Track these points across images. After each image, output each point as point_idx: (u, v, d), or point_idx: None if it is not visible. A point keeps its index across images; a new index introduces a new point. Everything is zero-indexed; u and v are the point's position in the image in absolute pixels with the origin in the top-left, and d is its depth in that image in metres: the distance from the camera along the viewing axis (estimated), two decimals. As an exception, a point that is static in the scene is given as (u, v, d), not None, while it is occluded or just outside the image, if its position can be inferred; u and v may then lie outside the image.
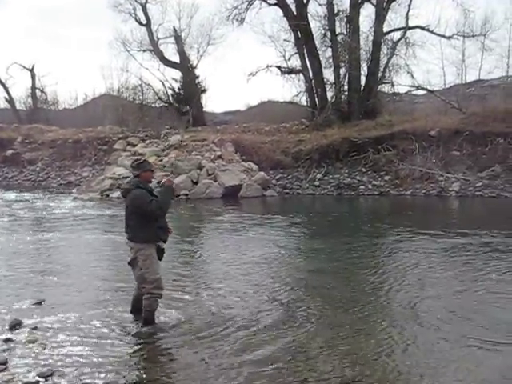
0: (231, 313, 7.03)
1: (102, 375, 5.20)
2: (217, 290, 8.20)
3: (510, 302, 7.44)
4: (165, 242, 6.65)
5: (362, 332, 6.30)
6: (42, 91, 47.14)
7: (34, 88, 46.59)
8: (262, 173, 23.51)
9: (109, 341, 6.11)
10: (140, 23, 38.10)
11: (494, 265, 9.50)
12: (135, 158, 7.21)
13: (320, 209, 19.48)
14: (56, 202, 20.80)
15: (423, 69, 69.31)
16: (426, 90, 31.34)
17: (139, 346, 5.98)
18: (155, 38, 38.05)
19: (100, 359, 5.59)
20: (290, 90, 66.75)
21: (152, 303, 6.46)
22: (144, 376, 5.23)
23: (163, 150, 26.12)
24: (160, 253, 6.57)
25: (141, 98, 39.71)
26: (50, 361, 5.54)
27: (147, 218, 6.33)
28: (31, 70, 46.42)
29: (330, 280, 8.75)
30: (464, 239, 11.92)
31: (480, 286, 8.15)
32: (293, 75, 33.27)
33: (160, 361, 5.62)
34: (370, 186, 22.83)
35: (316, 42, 31.34)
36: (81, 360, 5.56)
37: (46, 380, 5.09)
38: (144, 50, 38.45)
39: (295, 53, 32.43)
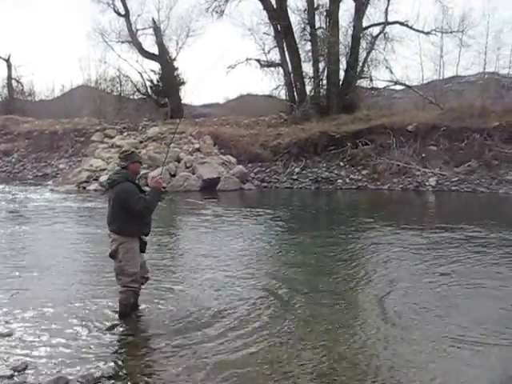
0: (208, 305, 7.01)
1: (78, 368, 5.16)
2: (193, 282, 8.18)
3: (484, 296, 7.51)
4: (146, 235, 6.62)
5: (338, 326, 6.32)
6: (18, 82, 46.58)
7: (9, 78, 45.95)
8: (241, 166, 23.49)
9: (85, 334, 6.07)
10: (118, 14, 37.69)
11: (472, 258, 9.61)
12: (124, 149, 7.01)
13: (298, 202, 19.51)
14: (32, 194, 20.58)
15: (402, 64, 69.80)
16: (404, 85, 31.58)
17: (116, 339, 5.95)
18: (134, 29, 37.67)
19: (76, 352, 5.55)
20: (269, 83, 66.74)
21: (128, 296, 6.42)
22: (120, 369, 5.20)
23: (141, 142, 25.96)
24: (143, 245, 6.54)
25: (119, 89, 39.48)
26: (25, 354, 5.48)
27: (134, 213, 6.29)
28: (7, 60, 45.76)
29: (307, 273, 8.78)
30: (441, 234, 12.03)
31: (460, 280, 8.23)
32: (272, 68, 33.33)
33: (136, 354, 5.58)
34: (347, 180, 22.93)
35: (295, 36, 31.42)
36: (56, 353, 5.52)
37: (20, 373, 5.04)
38: (122, 41, 38.10)
39: (274, 46, 32.48)
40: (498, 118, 23.17)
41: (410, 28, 31.11)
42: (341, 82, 30.74)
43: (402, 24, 31.09)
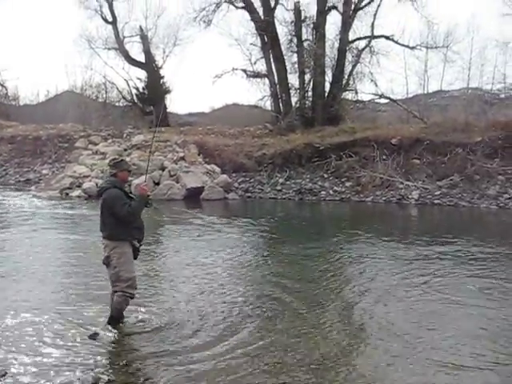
0: (191, 314, 7.01)
1: (58, 376, 5.15)
2: (176, 291, 8.17)
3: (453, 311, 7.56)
4: (139, 241, 6.62)
5: (317, 336, 6.35)
6: (2, 86, 46.19)
7: (-6, 82, 45.59)
8: (225, 175, 23.50)
9: (66, 342, 6.05)
10: (106, 21, 37.64)
11: (448, 272, 9.69)
12: (113, 157, 7.13)
13: (281, 213, 19.52)
14: (14, 200, 20.42)
15: (387, 78, 70.15)
16: (389, 98, 31.81)
17: (97, 348, 5.92)
18: (121, 37, 37.63)
19: (56, 360, 5.54)
20: (255, 93, 66.90)
21: (122, 302, 6.41)
22: (100, 377, 5.17)
23: (125, 150, 25.88)
24: (135, 252, 6.55)
25: (104, 96, 39.30)
26: (5, 361, 5.44)
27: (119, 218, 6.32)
28: (-9, 64, 45.44)
29: (287, 283, 8.79)
30: (421, 247, 12.13)
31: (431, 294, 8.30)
32: (258, 79, 33.40)
33: (118, 363, 5.56)
34: (331, 192, 23.01)
35: (282, 47, 31.56)
36: (36, 361, 5.49)
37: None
38: (109, 48, 37.98)
39: (261, 57, 32.56)
40: (481, 133, 23.39)
41: (396, 42, 31.39)
42: (326, 94, 30.89)
43: (387, 38, 31.35)
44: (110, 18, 37.64)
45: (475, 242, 12.66)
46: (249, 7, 31.86)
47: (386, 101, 32.94)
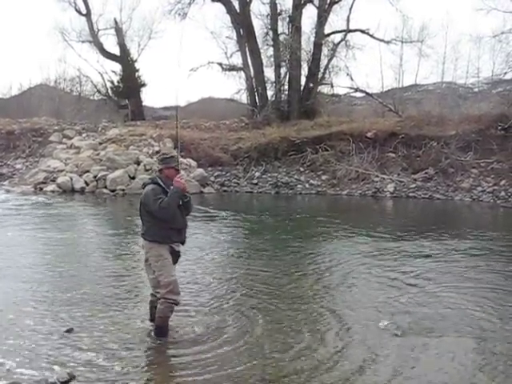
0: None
1: (32, 372, 5.09)
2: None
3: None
4: (182, 243, 6.15)
5: (301, 329, 6.37)
6: (-26, 79, 45.61)
7: (-35, 75, 45.00)
8: (201, 169, 23.41)
9: (41, 338, 5.97)
10: (80, 13, 37.22)
11: (422, 269, 9.75)
12: (163, 151, 6.57)
13: (258, 207, 19.53)
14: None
15: (362, 72, 70.58)
16: (365, 92, 31.95)
17: (73, 342, 5.87)
18: (95, 29, 37.27)
19: (31, 356, 5.46)
20: (231, 87, 66.82)
21: (165, 309, 5.92)
22: (76, 373, 5.11)
23: (100, 144, 25.63)
24: (175, 256, 6.05)
25: (79, 89, 38.93)
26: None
27: (155, 216, 5.89)
28: (-37, 57, 44.76)
29: (266, 278, 8.79)
30: (396, 242, 12.21)
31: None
32: (234, 72, 33.37)
33: (93, 359, 5.49)
34: (307, 185, 23.08)
35: (258, 41, 31.56)
36: (11, 357, 5.41)
37: (-30, 378, 4.93)
38: (83, 41, 37.66)
39: (237, 50, 32.55)
40: (455, 127, 23.63)
41: (371, 36, 31.55)
42: (302, 88, 30.98)
43: (363, 32, 31.50)
44: (83, 11, 37.25)
45: (449, 235, 12.78)
46: (224, 0, 31.73)
47: (362, 94, 33.13)
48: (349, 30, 31.30)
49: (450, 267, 9.59)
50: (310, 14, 33.74)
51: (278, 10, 31.28)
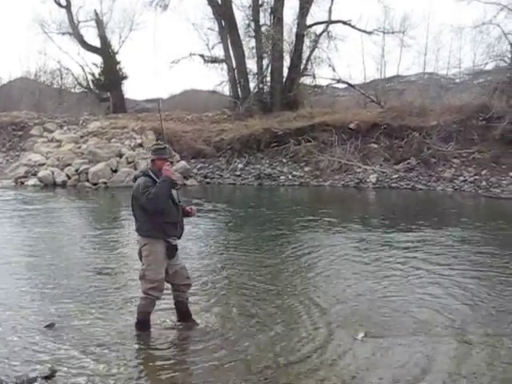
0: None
1: (13, 368, 5.05)
2: (132, 278, 8.09)
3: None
4: (179, 237, 5.96)
5: (280, 322, 6.37)
6: (-48, 73, 44.97)
7: None
8: (183, 162, 23.34)
9: (22, 334, 5.91)
10: (59, 5, 36.78)
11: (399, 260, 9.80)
12: (156, 142, 6.24)
13: (241, 199, 19.52)
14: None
15: (344, 63, 70.62)
16: (347, 83, 31.92)
17: (53, 337, 5.83)
18: (75, 21, 36.89)
19: (12, 352, 5.43)
20: (213, 79, 66.60)
21: (146, 304, 5.86)
22: (57, 368, 5.07)
23: (82, 137, 25.44)
24: (171, 250, 5.85)
25: (59, 82, 38.57)
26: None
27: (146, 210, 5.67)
28: None
29: (248, 271, 8.78)
30: (379, 233, 12.26)
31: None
32: (216, 64, 33.21)
33: (74, 352, 5.46)
34: (290, 177, 23.10)
35: (240, 32, 31.43)
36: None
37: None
38: (63, 33, 37.25)
39: (219, 42, 32.39)
40: (437, 117, 23.77)
41: (353, 27, 31.52)
42: (284, 79, 30.94)
43: (345, 23, 31.47)
44: (63, 2, 36.85)
45: (432, 226, 12.86)
46: (206, -9, 31.56)
47: (344, 86, 33.12)
48: (331, 21, 31.26)
49: (432, 257, 9.65)
50: (291, 5, 33.64)
51: (260, 1, 31.14)
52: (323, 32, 31.30)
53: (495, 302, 7.11)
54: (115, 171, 22.01)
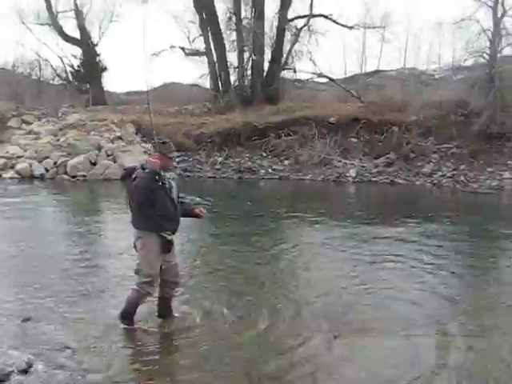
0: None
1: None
2: (111, 268, 8.05)
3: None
4: (173, 232, 5.88)
5: (260, 316, 6.39)
6: None
7: None
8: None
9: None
10: (37, -6, 36.36)
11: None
12: (159, 137, 6.04)
13: (220, 192, 19.48)
14: None
15: (325, 57, 70.64)
16: (328, 77, 31.98)
17: (31, 330, 5.80)
18: (54, 12, 36.38)
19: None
20: (194, 72, 66.28)
21: (136, 297, 5.79)
22: (34, 361, 5.04)
23: (60, 130, 25.18)
24: (165, 244, 5.77)
25: (38, 74, 38.10)
26: None
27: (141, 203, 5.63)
28: None
29: (228, 262, 8.78)
30: (357, 227, 12.32)
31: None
32: (197, 57, 33.09)
33: (51, 345, 5.42)
34: (270, 170, 23.10)
35: (221, 25, 31.31)
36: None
37: None
38: (42, 24, 36.73)
39: (200, 35, 32.24)
40: (416, 113, 23.91)
41: (334, 22, 31.58)
42: (265, 73, 30.92)
43: (326, 17, 31.50)
44: (42, -8, 36.29)
45: (410, 221, 12.93)
46: (187, -17, 31.39)
47: (325, 80, 33.14)
48: (312, 15, 31.28)
49: (410, 252, 9.73)
50: (273, -1, 33.62)
51: (241, -5, 31.08)
52: (304, 26, 31.34)
53: (472, 298, 7.17)
54: (94, 164, 21.84)
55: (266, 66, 31.11)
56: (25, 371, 4.87)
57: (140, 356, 5.29)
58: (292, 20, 31.38)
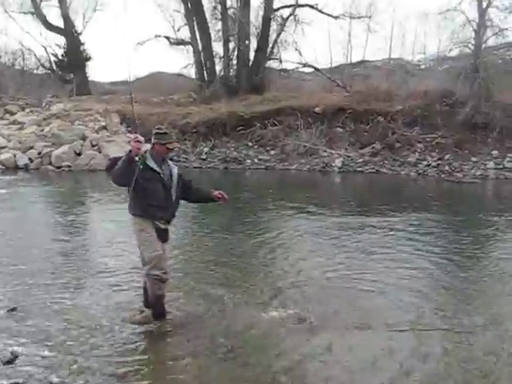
0: (110, 297, 6.85)
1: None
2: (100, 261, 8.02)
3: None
4: (168, 222, 5.75)
5: (241, 306, 6.39)
6: None
7: None
8: (149, 145, 23.03)
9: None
10: (20, -18, 35.91)
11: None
12: (158, 126, 5.93)
13: (206, 183, 19.42)
14: None
15: (311, 47, 70.54)
16: (313, 67, 31.95)
17: (16, 322, 5.73)
18: (37, 0, 36.02)
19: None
20: (180, 61, 66.01)
21: (152, 287, 5.62)
22: (19, 352, 4.99)
23: (44, 120, 24.99)
24: (160, 233, 5.65)
25: (21, 63, 37.76)
26: None
27: (134, 189, 5.55)
28: None
29: (209, 256, 8.76)
30: (342, 217, 12.35)
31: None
32: (182, 47, 32.94)
33: (36, 336, 5.37)
34: (256, 160, 23.11)
35: (206, 15, 31.19)
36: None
37: None
38: (25, 13, 36.33)
39: (185, 24, 32.08)
40: (402, 102, 24.00)
41: (320, 11, 31.58)
42: (251, 63, 30.85)
43: (311, 7, 31.48)
44: (24, -20, 35.89)
45: (394, 210, 12.98)
46: (171, -28, 31.19)
47: (311, 70, 33.12)
48: (298, 5, 31.25)
49: (397, 239, 9.77)
50: (258, -12, 33.51)
51: (227, -16, 30.94)
52: (290, 16, 31.31)
53: (450, 292, 7.13)
54: (79, 154, 21.68)
55: (252, 55, 31.08)
56: (10, 362, 4.82)
57: (129, 349, 5.26)
58: (278, 9, 31.33)
